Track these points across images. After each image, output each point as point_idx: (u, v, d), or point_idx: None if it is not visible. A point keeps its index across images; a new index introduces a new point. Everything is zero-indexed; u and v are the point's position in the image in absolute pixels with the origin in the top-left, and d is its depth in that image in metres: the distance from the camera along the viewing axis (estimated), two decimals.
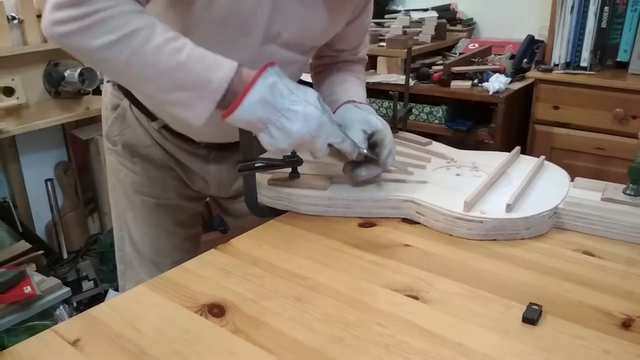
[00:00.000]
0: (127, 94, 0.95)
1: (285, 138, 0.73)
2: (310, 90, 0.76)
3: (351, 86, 0.97)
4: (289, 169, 0.86)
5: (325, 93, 0.97)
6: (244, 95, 0.70)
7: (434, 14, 2.19)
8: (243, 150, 0.81)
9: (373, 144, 0.84)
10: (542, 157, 0.94)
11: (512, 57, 2.05)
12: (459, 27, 2.32)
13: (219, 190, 1.04)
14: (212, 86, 0.69)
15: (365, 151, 0.82)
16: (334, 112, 0.89)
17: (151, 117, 0.95)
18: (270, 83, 0.71)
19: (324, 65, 1.03)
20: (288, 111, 0.72)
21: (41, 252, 1.92)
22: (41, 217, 2.08)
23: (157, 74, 0.69)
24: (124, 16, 0.67)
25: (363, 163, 0.83)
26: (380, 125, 0.84)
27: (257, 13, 0.78)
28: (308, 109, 0.73)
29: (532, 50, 2.04)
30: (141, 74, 0.70)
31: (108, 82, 0.98)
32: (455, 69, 1.92)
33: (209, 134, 0.94)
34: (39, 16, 1.89)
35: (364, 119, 0.85)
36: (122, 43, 0.67)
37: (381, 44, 2.06)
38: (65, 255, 2.06)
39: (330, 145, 0.77)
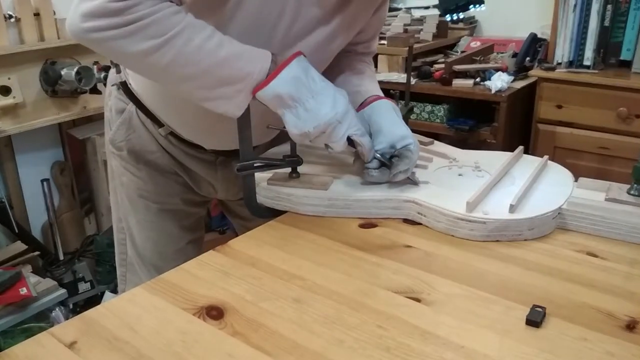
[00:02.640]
0: (133, 99, 0.94)
1: (312, 120, 0.75)
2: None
3: (370, 79, 0.96)
4: (289, 169, 0.86)
5: (342, 82, 0.96)
6: (280, 70, 0.73)
7: (436, 11, 2.19)
8: (242, 150, 0.80)
9: (395, 155, 0.84)
10: (546, 157, 0.93)
11: (514, 55, 2.04)
12: (460, 25, 2.31)
13: (226, 194, 1.04)
14: (253, 77, 0.73)
15: (379, 155, 0.82)
16: (363, 105, 0.88)
17: (158, 123, 0.94)
18: (304, 66, 0.75)
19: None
20: (318, 94, 0.75)
21: (37, 253, 1.91)
22: (37, 218, 2.07)
23: (200, 72, 0.71)
24: (164, 20, 0.67)
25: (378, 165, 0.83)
26: (413, 146, 0.83)
27: (279, 24, 0.78)
28: (338, 95, 0.77)
29: (534, 49, 2.03)
30: (183, 73, 0.71)
31: (113, 85, 0.97)
32: (457, 67, 1.92)
33: (220, 141, 0.94)
34: (36, 14, 1.88)
35: (401, 134, 0.83)
36: (165, 47, 0.68)
37: (382, 42, 2.05)
38: (61, 257, 2.05)
39: (348, 139, 0.78)
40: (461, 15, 2.17)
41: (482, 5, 0.83)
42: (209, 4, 0.75)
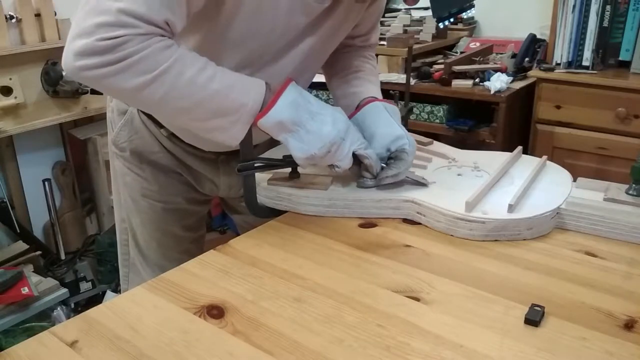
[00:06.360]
0: None
1: (316, 141, 0.75)
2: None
3: (367, 77, 0.96)
4: (289, 169, 0.86)
5: (339, 82, 0.96)
6: (278, 96, 0.74)
7: None
8: (243, 150, 0.80)
9: (390, 157, 0.84)
10: (545, 157, 0.93)
11: (513, 56, 2.04)
12: (460, 25, 2.31)
13: (229, 192, 1.04)
14: (247, 109, 0.73)
15: (383, 165, 0.83)
16: (357, 109, 0.89)
17: (159, 124, 0.94)
18: (299, 90, 0.76)
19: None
20: (318, 115, 0.76)
21: (39, 252, 1.91)
22: (39, 218, 2.08)
23: (193, 105, 0.71)
24: (155, 55, 0.67)
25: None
26: (407, 146, 0.83)
27: (271, 35, 0.78)
28: (336, 113, 0.77)
29: (533, 49, 2.04)
30: (177, 107, 0.72)
31: None
32: (457, 68, 1.92)
33: (219, 144, 0.94)
34: (37, 15, 1.88)
35: (394, 134, 0.84)
36: (157, 82, 0.68)
37: (382, 42, 2.05)
38: (62, 256, 2.05)
39: (352, 155, 0.79)
40: (451, 20, 2.18)
41: (472, 9, 0.84)
42: (199, 20, 0.75)
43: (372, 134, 0.84)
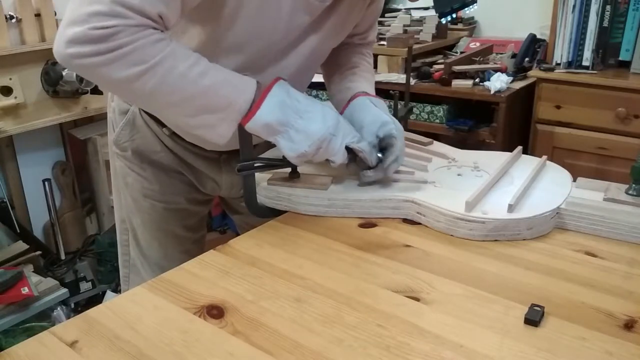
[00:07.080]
0: None
1: (306, 140, 0.75)
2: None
3: (362, 73, 0.96)
4: (289, 169, 0.86)
5: (336, 78, 0.97)
6: (263, 99, 0.74)
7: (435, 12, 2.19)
8: (242, 150, 0.80)
9: (382, 147, 0.84)
10: (545, 157, 0.93)
11: (513, 56, 2.04)
12: (460, 25, 2.31)
13: (230, 192, 1.04)
14: (235, 107, 0.73)
15: (380, 155, 0.83)
16: (346, 104, 0.89)
17: (161, 123, 0.94)
18: (286, 89, 0.76)
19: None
20: (306, 112, 0.76)
21: (39, 252, 1.91)
22: (39, 218, 2.08)
23: (183, 99, 0.71)
24: (147, 48, 0.67)
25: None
26: (394, 131, 0.83)
27: (274, 34, 0.79)
28: (325, 108, 0.77)
29: (533, 49, 2.04)
30: (167, 100, 0.72)
31: None
32: (457, 68, 1.92)
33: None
34: (37, 15, 1.88)
35: (380, 120, 0.84)
36: (148, 74, 0.68)
37: (382, 42, 2.05)
38: (62, 256, 2.05)
39: (347, 149, 0.79)
40: (454, 16, 2.18)
41: (475, 4, 0.84)
42: (201, 22, 0.76)
43: (360, 125, 0.85)
